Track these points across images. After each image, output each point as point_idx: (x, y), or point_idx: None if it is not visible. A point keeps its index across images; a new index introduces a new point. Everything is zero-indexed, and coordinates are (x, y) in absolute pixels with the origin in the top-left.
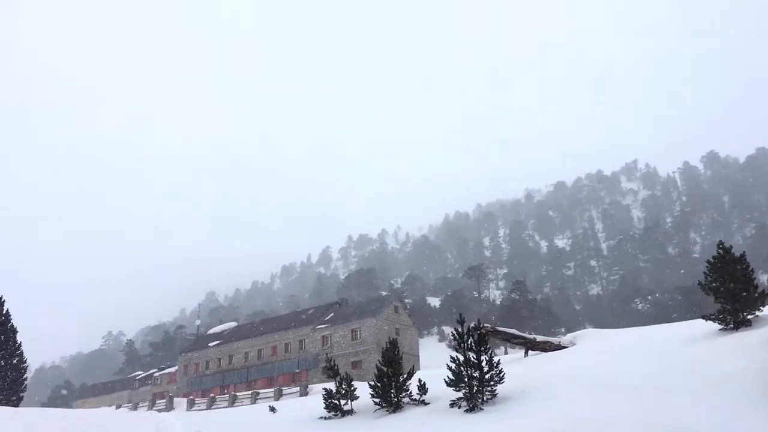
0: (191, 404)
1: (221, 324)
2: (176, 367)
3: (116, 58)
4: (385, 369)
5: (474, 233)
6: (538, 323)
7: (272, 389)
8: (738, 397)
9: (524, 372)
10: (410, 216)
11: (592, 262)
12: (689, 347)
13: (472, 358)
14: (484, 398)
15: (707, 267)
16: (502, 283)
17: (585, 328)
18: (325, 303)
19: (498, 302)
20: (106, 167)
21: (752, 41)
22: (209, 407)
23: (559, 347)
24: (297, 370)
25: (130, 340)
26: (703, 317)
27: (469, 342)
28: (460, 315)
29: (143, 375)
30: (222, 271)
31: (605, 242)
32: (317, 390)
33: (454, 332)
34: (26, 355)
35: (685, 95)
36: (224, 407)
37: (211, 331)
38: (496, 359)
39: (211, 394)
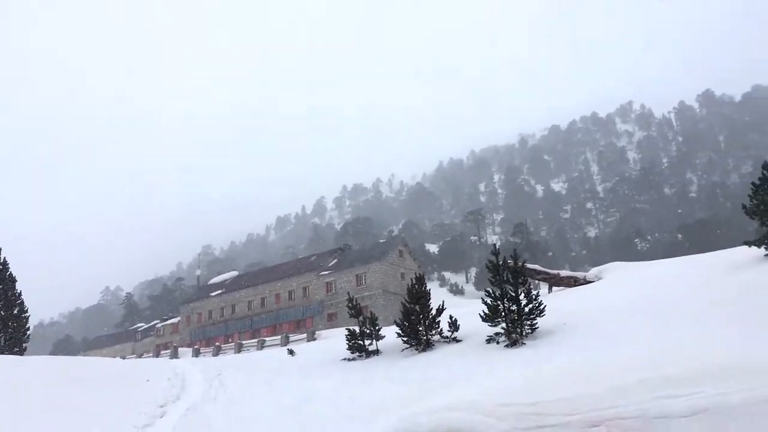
0: (197, 353)
1: (221, 275)
2: (179, 318)
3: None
4: (411, 305)
5: (469, 179)
6: (539, 265)
7: (278, 336)
8: None
9: (558, 306)
10: (403, 164)
11: (589, 205)
12: (735, 274)
13: (509, 291)
14: (524, 332)
15: (752, 190)
16: (498, 228)
17: (586, 268)
18: (328, 250)
19: (498, 246)
20: (97, 122)
21: None
22: (215, 355)
23: (584, 282)
24: (302, 318)
25: (129, 293)
26: (746, 243)
27: (504, 274)
28: (494, 246)
29: (145, 326)
30: (216, 226)
31: (601, 185)
32: (325, 336)
33: (489, 264)
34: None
35: (678, 32)
36: (230, 354)
37: (212, 281)
38: (534, 292)
39: (216, 343)
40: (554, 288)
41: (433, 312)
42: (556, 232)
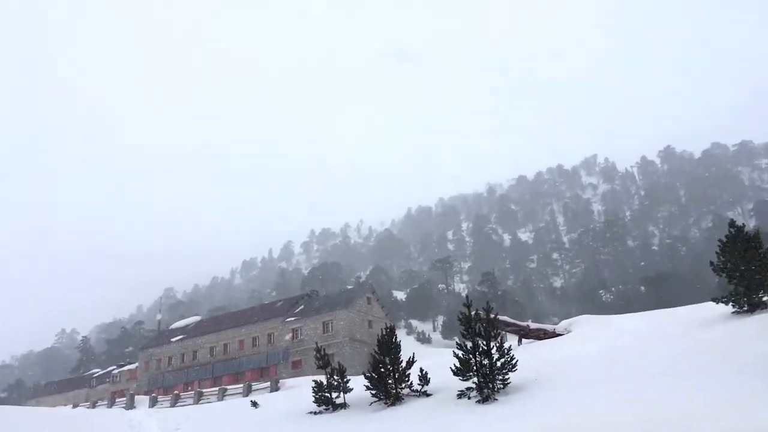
0: (154, 402)
1: (183, 319)
2: (136, 364)
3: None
4: (382, 357)
5: (437, 227)
6: (507, 315)
7: (240, 385)
8: None
9: (529, 360)
10: (372, 211)
11: (555, 255)
12: (703, 331)
13: (481, 345)
14: (496, 387)
15: (719, 247)
16: (466, 277)
17: (552, 319)
18: (294, 296)
19: (464, 295)
20: (57, 158)
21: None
22: (173, 405)
23: (554, 335)
24: (266, 365)
25: (85, 337)
26: (713, 300)
27: (477, 327)
28: (467, 297)
29: (101, 372)
30: (180, 268)
31: (567, 235)
32: (289, 385)
33: (461, 316)
34: None
35: (641, 90)
36: (189, 404)
37: (173, 326)
38: (507, 345)
39: (175, 391)
40: (524, 340)
41: (404, 364)
42: (522, 282)
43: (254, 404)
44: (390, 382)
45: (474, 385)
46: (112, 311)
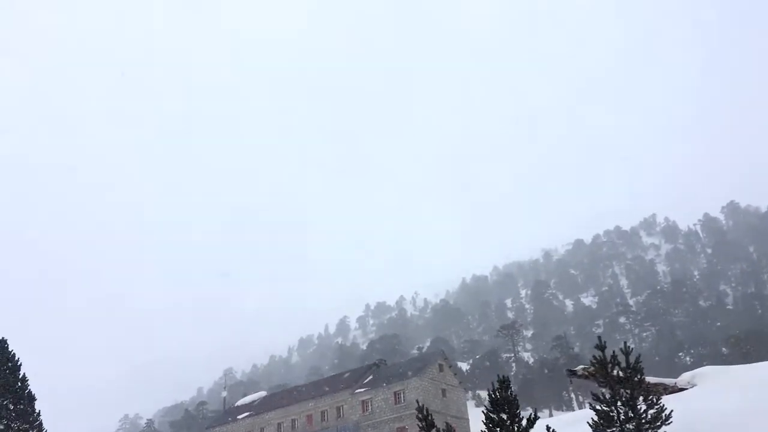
0: None
1: (245, 396)
2: None
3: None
4: (497, 415)
5: (494, 295)
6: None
7: None
8: None
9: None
10: (426, 282)
11: (622, 319)
12: None
13: (624, 393)
14: None
15: None
16: (529, 345)
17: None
18: (361, 366)
19: (530, 362)
20: (118, 257)
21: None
22: None
23: (676, 389)
24: None
25: (150, 420)
26: None
27: (615, 372)
28: (599, 338)
29: None
30: (237, 349)
31: (632, 298)
32: None
33: (594, 360)
34: None
35: (696, 144)
36: None
37: (238, 403)
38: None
39: None
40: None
41: (524, 422)
42: (590, 348)
43: None
44: None
45: None
46: (173, 395)
